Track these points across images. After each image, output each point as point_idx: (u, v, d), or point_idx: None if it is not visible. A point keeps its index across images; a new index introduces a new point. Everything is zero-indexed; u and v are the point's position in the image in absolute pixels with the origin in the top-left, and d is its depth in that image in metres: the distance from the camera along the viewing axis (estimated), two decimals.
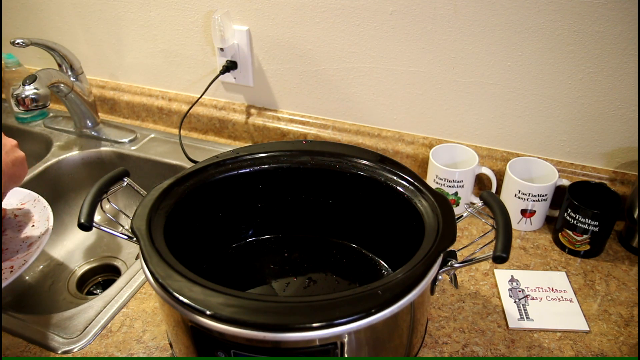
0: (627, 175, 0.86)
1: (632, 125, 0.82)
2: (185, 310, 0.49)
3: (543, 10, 0.77)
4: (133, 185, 0.67)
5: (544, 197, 0.84)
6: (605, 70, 0.79)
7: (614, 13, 0.74)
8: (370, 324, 0.48)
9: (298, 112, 1.07)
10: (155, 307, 0.72)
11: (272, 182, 0.73)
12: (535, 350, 0.66)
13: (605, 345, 0.67)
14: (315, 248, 0.78)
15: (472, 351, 0.66)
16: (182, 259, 0.55)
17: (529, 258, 0.82)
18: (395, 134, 1.00)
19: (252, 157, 0.72)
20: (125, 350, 0.66)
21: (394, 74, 0.93)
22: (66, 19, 1.17)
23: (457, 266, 0.57)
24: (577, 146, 0.88)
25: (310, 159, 0.72)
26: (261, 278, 0.74)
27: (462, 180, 0.87)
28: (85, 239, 1.06)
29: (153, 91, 1.18)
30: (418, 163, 0.99)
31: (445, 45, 0.86)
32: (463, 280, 0.77)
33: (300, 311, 0.48)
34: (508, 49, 0.83)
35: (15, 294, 0.91)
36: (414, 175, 0.66)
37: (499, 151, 0.93)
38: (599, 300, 0.74)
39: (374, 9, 0.88)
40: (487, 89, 0.88)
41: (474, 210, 0.62)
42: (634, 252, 0.82)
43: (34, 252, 0.76)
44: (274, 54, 1.01)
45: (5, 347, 0.67)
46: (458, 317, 0.71)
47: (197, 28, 1.05)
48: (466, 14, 0.82)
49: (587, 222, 0.78)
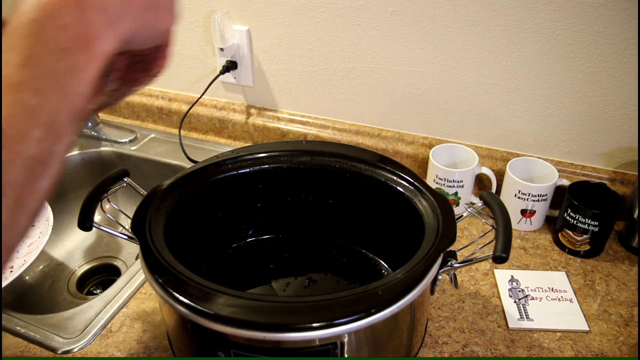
0: (627, 175, 0.86)
1: (632, 125, 0.82)
2: (185, 310, 0.49)
3: (543, 10, 0.77)
4: (133, 185, 0.67)
5: (544, 197, 0.84)
6: (605, 70, 0.79)
7: (614, 13, 0.74)
8: (370, 324, 0.48)
9: (298, 112, 1.07)
10: (155, 307, 0.72)
11: (272, 182, 0.73)
12: (535, 350, 0.66)
13: (605, 345, 0.67)
14: (315, 248, 0.78)
15: (472, 351, 0.66)
16: (182, 259, 0.55)
17: (529, 258, 0.82)
18: (395, 134, 1.00)
19: (252, 157, 0.72)
20: (125, 350, 0.66)
21: (394, 74, 0.93)
22: None
23: (457, 266, 0.57)
24: (577, 146, 0.88)
25: (310, 159, 0.72)
26: (261, 278, 0.74)
27: (462, 180, 0.87)
28: (85, 239, 1.06)
29: (153, 91, 1.18)
30: (418, 163, 0.99)
31: (445, 45, 0.86)
32: (463, 280, 0.77)
33: (300, 311, 0.48)
34: (508, 49, 0.83)
35: (15, 294, 0.91)
36: (414, 175, 0.66)
37: (499, 151, 0.93)
38: (599, 300, 0.74)
39: (374, 9, 0.88)
40: (487, 89, 0.88)
41: (474, 210, 0.62)
42: (634, 252, 0.82)
43: (33, 252, 0.76)
44: (274, 54, 1.01)
45: (5, 347, 0.67)
46: (458, 317, 0.71)
47: (197, 28, 1.05)
48: (466, 14, 0.82)
49: (587, 222, 0.78)
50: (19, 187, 0.28)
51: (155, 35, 0.38)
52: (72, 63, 0.30)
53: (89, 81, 0.31)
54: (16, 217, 0.28)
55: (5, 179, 0.27)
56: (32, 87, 0.28)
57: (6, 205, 0.28)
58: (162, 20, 0.37)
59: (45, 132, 0.29)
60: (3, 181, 0.27)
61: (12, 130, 0.27)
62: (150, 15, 0.36)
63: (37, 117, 0.28)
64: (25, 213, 0.29)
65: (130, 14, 0.34)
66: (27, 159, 0.28)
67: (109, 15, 0.32)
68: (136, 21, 0.34)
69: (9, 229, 0.28)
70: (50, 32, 0.29)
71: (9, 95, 0.28)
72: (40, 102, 0.28)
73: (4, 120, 0.27)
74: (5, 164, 0.27)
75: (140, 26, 0.35)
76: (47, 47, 0.29)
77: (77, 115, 0.31)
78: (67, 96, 0.30)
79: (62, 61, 0.29)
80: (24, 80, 0.28)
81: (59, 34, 0.29)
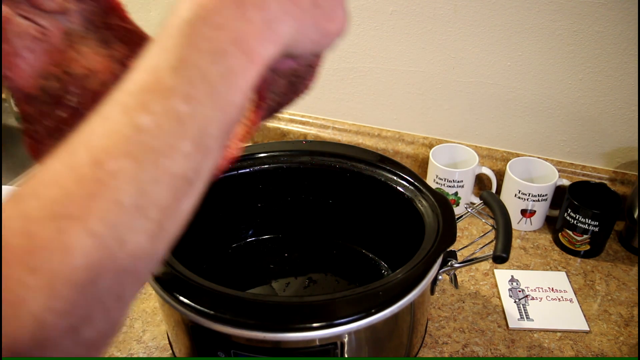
0: (627, 175, 0.86)
1: (632, 125, 0.82)
2: (185, 310, 0.49)
3: (543, 10, 0.77)
4: None
5: (544, 197, 0.84)
6: (605, 70, 0.79)
7: (614, 13, 0.74)
8: (370, 324, 0.48)
9: (298, 112, 1.07)
10: (155, 307, 0.72)
11: (272, 182, 0.73)
12: (535, 350, 0.66)
13: (605, 345, 0.67)
14: (315, 248, 0.78)
15: (472, 351, 0.66)
16: (182, 259, 0.55)
17: (529, 258, 0.82)
18: (395, 134, 1.00)
19: (252, 157, 0.72)
20: (125, 350, 0.66)
21: (394, 74, 0.93)
22: None
23: (457, 266, 0.57)
24: (577, 146, 0.88)
25: (310, 159, 0.72)
26: (261, 278, 0.74)
27: (462, 180, 0.87)
28: None
29: None
30: (418, 163, 0.98)
31: (445, 45, 0.86)
32: (463, 280, 0.77)
33: (300, 311, 0.48)
34: (508, 49, 0.83)
35: None
36: (414, 175, 0.66)
37: (499, 151, 0.93)
38: (599, 300, 0.74)
39: (374, 9, 0.88)
40: (487, 89, 0.88)
41: (474, 210, 0.62)
42: (634, 252, 0.82)
43: None
44: None
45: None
46: (458, 317, 0.71)
47: None
48: (466, 14, 0.82)
49: (587, 222, 0.78)
50: (163, 209, 0.24)
51: (320, 40, 0.32)
52: (227, 67, 0.26)
53: (244, 89, 0.27)
54: (156, 243, 0.25)
55: (150, 199, 0.24)
56: (182, 92, 0.25)
57: (148, 230, 0.24)
58: (330, 22, 0.32)
59: (194, 146, 0.25)
60: (147, 202, 0.24)
61: (159, 143, 0.24)
62: (317, 16, 0.30)
63: (186, 127, 0.25)
64: (166, 239, 0.25)
65: (293, 14, 0.29)
66: (173, 177, 0.25)
67: (270, 13, 0.28)
68: (300, 22, 0.29)
69: (148, 257, 0.25)
70: (205, 32, 0.26)
71: (158, 102, 0.24)
72: (191, 111, 0.25)
73: (151, 130, 0.24)
74: (151, 182, 0.24)
75: (304, 28, 0.30)
76: (200, 49, 0.26)
77: (227, 128, 0.27)
78: (219, 105, 0.26)
79: (217, 64, 0.26)
80: (175, 85, 0.25)
81: (214, 33, 0.26)
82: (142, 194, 0.24)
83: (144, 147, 0.24)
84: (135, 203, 0.23)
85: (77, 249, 0.22)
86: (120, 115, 0.24)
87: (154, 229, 0.24)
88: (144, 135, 0.24)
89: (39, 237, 0.22)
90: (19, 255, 0.21)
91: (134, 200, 0.23)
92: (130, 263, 0.24)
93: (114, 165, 0.23)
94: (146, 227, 0.24)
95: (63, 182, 0.23)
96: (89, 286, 0.22)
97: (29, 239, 0.22)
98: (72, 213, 0.22)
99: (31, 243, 0.22)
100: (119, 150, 0.23)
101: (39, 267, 0.21)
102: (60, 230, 0.22)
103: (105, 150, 0.23)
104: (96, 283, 0.23)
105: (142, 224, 0.24)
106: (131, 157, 0.23)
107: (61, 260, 0.22)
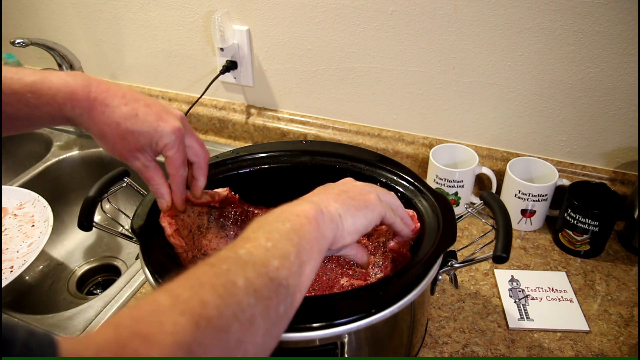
0: (627, 175, 0.86)
1: (632, 125, 0.82)
2: None
3: (543, 10, 0.77)
4: (133, 185, 0.67)
5: (544, 197, 0.84)
6: (605, 70, 0.79)
7: (614, 13, 0.74)
8: (370, 324, 0.48)
9: (298, 112, 1.07)
10: None
11: (272, 182, 0.73)
12: (535, 350, 0.66)
13: (605, 345, 0.67)
14: None
15: (472, 351, 0.66)
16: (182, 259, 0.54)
17: (529, 258, 0.82)
18: (395, 134, 1.00)
19: (252, 157, 0.72)
20: None
21: (394, 74, 0.93)
22: (66, 18, 1.17)
23: (457, 266, 0.57)
24: (577, 146, 0.88)
25: (310, 159, 0.72)
26: None
27: (462, 180, 0.87)
28: (85, 239, 1.06)
29: (153, 91, 1.18)
30: (418, 163, 0.99)
31: (445, 45, 0.86)
32: (463, 280, 0.77)
33: (300, 311, 0.48)
34: (508, 49, 0.83)
35: (15, 294, 0.91)
36: (414, 175, 0.66)
37: (499, 151, 0.93)
38: (599, 300, 0.74)
39: (374, 9, 0.88)
40: (487, 89, 0.88)
41: (474, 210, 0.62)
42: (634, 252, 0.82)
43: (33, 252, 0.76)
44: (274, 54, 1.01)
45: None
46: (458, 317, 0.71)
47: (197, 28, 1.05)
48: (466, 14, 0.82)
49: (587, 222, 0.78)
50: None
51: (368, 228, 0.49)
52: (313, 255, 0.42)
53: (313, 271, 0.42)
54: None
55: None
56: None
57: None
58: (371, 219, 0.49)
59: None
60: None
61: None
62: (362, 214, 0.48)
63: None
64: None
65: (349, 213, 0.47)
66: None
67: (342, 226, 0.46)
68: (355, 219, 0.47)
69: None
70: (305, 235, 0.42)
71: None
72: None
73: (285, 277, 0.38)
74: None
75: (358, 222, 0.47)
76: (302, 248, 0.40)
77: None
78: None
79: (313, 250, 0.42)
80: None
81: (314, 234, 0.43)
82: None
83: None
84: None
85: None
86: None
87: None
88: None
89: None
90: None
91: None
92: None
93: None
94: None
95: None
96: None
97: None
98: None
99: None
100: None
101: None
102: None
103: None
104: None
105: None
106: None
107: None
